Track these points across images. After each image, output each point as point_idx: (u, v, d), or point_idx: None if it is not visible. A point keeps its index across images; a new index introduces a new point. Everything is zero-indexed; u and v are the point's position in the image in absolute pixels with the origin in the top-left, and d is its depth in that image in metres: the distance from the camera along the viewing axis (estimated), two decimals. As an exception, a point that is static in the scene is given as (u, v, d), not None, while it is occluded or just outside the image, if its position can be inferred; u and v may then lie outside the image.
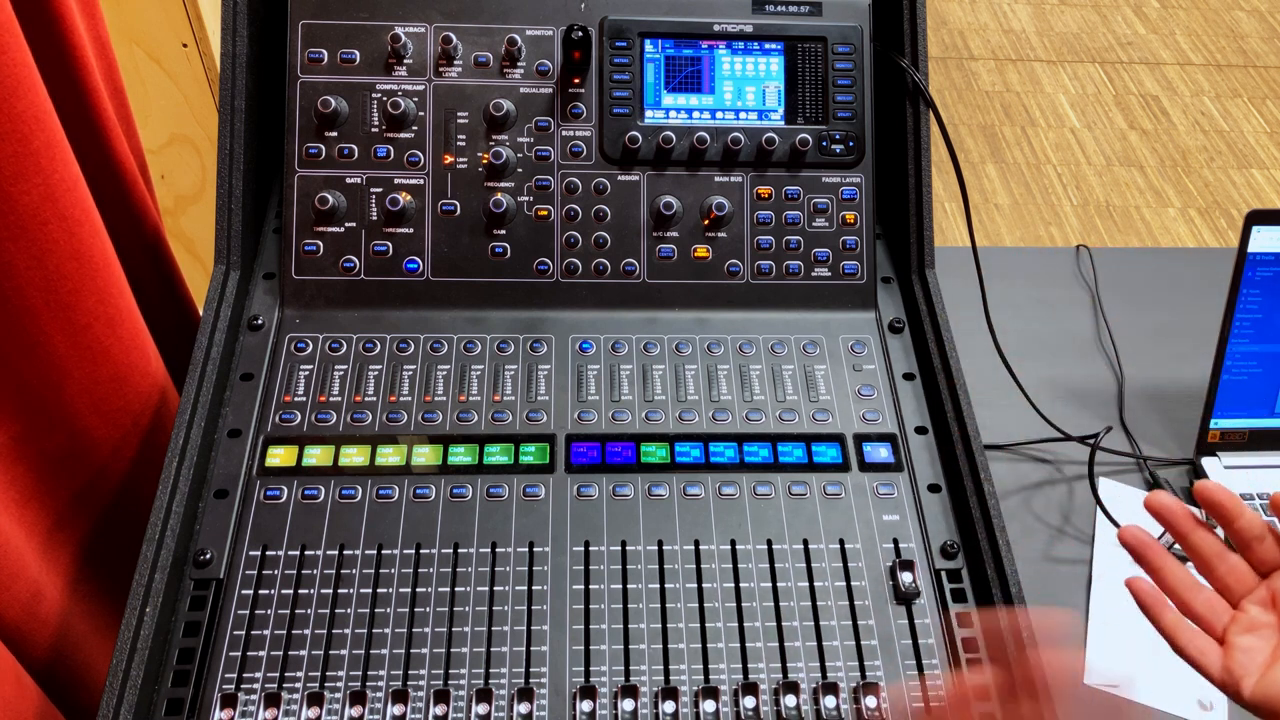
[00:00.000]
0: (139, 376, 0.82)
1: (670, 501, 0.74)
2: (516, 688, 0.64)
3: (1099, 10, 3.28)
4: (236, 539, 0.70)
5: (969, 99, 2.91)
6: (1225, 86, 3.01)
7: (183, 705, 0.63)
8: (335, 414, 0.77)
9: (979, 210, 2.55)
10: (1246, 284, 0.95)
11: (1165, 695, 0.82)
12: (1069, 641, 0.80)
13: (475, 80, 0.85)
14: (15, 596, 0.71)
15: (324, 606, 0.67)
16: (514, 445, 0.76)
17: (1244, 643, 0.56)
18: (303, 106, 0.84)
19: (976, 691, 0.65)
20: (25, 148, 0.65)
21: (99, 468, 0.81)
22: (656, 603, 0.69)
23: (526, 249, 0.85)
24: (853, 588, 0.71)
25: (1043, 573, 0.91)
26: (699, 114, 0.87)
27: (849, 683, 0.66)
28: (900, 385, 0.83)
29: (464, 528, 0.72)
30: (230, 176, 0.83)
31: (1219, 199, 2.64)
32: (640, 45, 0.86)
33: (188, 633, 0.66)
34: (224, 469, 0.74)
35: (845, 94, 0.87)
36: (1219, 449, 0.99)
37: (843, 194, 0.88)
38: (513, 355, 0.82)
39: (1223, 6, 3.33)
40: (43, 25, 0.74)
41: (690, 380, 0.82)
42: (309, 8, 0.84)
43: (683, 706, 0.64)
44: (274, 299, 0.84)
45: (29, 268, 0.68)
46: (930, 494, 0.76)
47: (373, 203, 0.84)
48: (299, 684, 0.64)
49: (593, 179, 0.86)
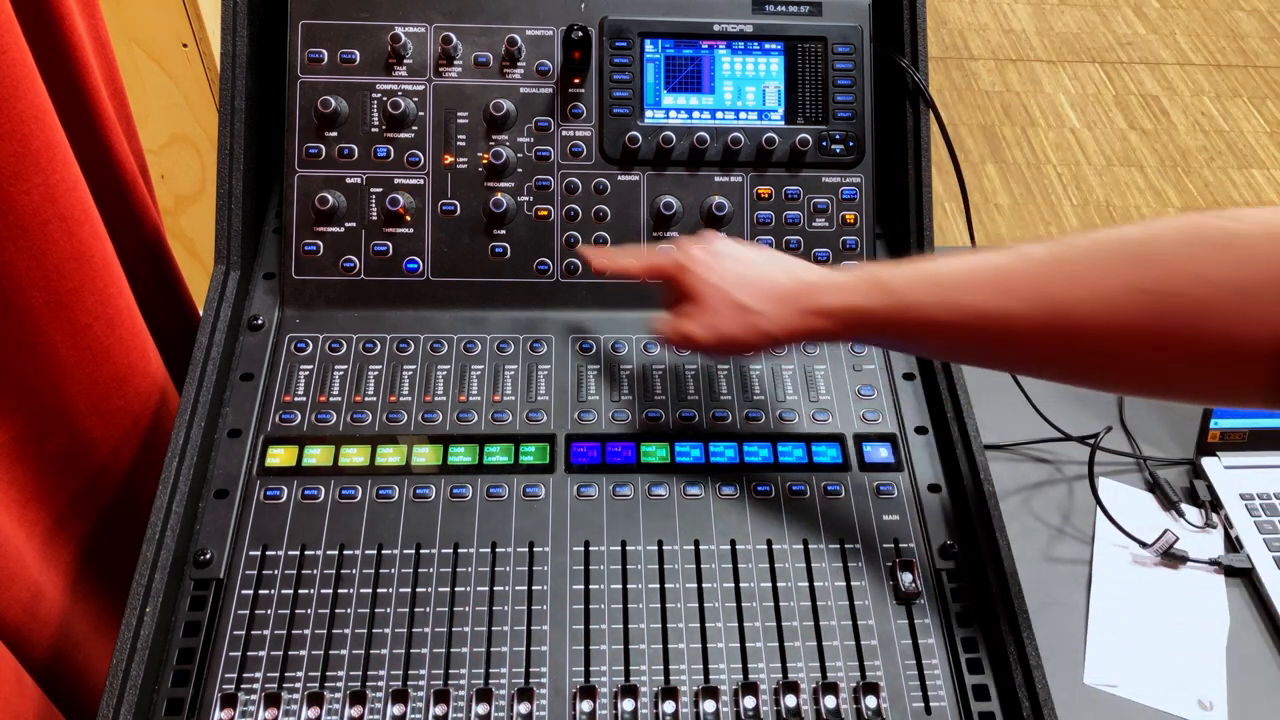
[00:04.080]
0: (139, 376, 0.82)
1: (670, 501, 0.74)
2: (516, 688, 0.64)
3: (1099, 10, 3.28)
4: (236, 539, 0.70)
5: (969, 99, 2.91)
6: (1225, 86, 3.01)
7: (183, 705, 0.63)
8: (335, 414, 0.77)
9: (979, 210, 2.55)
10: (1246, 284, 0.95)
11: (1165, 695, 0.82)
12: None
13: (475, 80, 0.85)
14: (15, 596, 0.71)
15: (324, 606, 0.67)
16: (514, 445, 0.76)
17: None
18: (303, 106, 0.84)
19: None
20: (25, 148, 0.65)
21: (99, 468, 0.81)
22: (656, 603, 0.69)
23: (526, 249, 0.85)
24: (853, 588, 0.71)
25: (1043, 573, 0.91)
26: (699, 114, 0.87)
27: (849, 683, 0.66)
28: (900, 385, 0.83)
29: (464, 528, 0.72)
30: (230, 176, 0.83)
31: (1219, 199, 2.64)
32: (640, 45, 0.86)
33: (188, 633, 0.66)
34: (224, 469, 0.74)
35: (845, 94, 0.87)
36: (1219, 449, 0.99)
37: (843, 194, 0.88)
38: (513, 355, 0.82)
39: (1223, 6, 3.33)
40: (43, 25, 0.74)
41: (690, 380, 0.82)
42: (309, 8, 0.84)
43: (683, 706, 0.64)
44: (274, 299, 0.84)
45: (29, 268, 0.68)
46: (930, 494, 0.76)
47: (373, 203, 0.84)
48: (299, 684, 0.64)
49: (593, 179, 0.86)
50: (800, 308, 0.66)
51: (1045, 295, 0.55)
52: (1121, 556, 0.91)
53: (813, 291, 0.66)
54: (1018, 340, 0.58)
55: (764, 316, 0.67)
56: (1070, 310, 0.54)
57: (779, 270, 0.69)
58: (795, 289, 0.67)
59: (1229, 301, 0.49)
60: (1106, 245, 0.55)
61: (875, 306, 0.63)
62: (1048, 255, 0.57)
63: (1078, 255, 0.55)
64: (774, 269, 0.70)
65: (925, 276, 0.62)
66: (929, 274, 0.62)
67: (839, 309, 0.65)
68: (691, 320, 0.70)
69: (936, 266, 0.62)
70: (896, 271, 0.64)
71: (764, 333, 0.68)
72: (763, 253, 0.73)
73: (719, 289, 0.69)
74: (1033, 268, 0.57)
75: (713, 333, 0.69)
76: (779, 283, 0.68)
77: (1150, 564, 0.91)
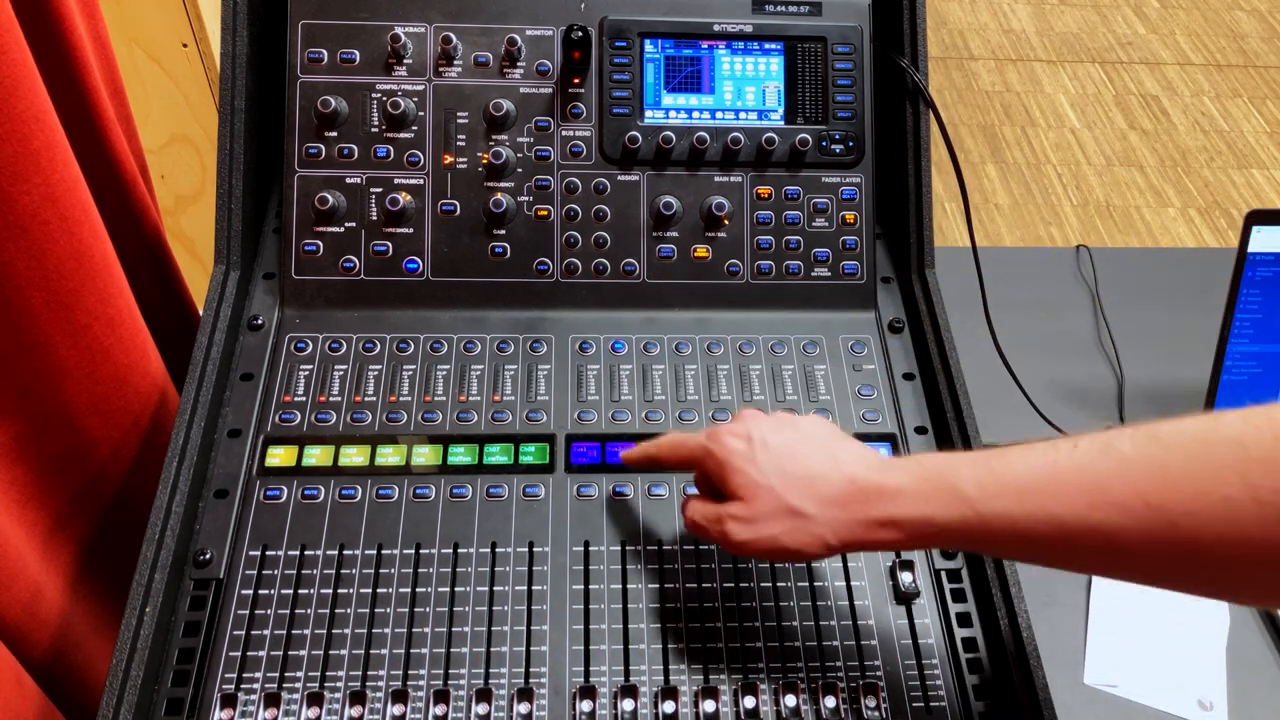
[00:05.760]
0: (139, 376, 0.82)
1: (670, 501, 0.74)
2: (516, 688, 0.64)
3: (1099, 10, 3.28)
4: (236, 539, 0.70)
5: (969, 99, 2.91)
6: (1225, 86, 3.01)
7: (183, 705, 0.63)
8: (335, 414, 0.77)
9: (979, 210, 2.55)
10: (1246, 284, 0.95)
11: (1165, 695, 0.82)
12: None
13: (475, 80, 0.85)
14: (15, 596, 0.71)
15: (324, 606, 0.67)
16: (514, 445, 0.76)
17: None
18: (303, 106, 0.84)
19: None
20: (25, 148, 0.65)
21: (99, 468, 0.81)
22: (656, 603, 0.69)
23: (526, 249, 0.85)
24: (853, 588, 0.71)
25: (1043, 573, 0.90)
26: (699, 114, 0.87)
27: (849, 683, 0.66)
28: (900, 385, 0.83)
29: (464, 528, 0.72)
30: (230, 176, 0.83)
31: (1219, 199, 2.64)
32: (640, 45, 0.86)
33: (188, 633, 0.66)
34: (224, 469, 0.74)
35: (845, 94, 0.87)
36: (1219, 449, 0.98)
37: (842, 194, 0.88)
38: (513, 355, 0.82)
39: (1223, 6, 3.33)
40: (43, 25, 0.74)
41: (690, 380, 0.82)
42: (309, 8, 0.84)
43: (683, 706, 0.64)
44: (274, 299, 0.84)
45: (29, 268, 0.68)
46: (930, 494, 0.76)
47: (373, 203, 0.84)
48: (299, 684, 0.64)
49: (593, 179, 0.86)
50: (865, 517, 0.58)
51: (1153, 505, 0.48)
52: (1121, 556, 0.91)
53: (877, 498, 0.58)
54: (1128, 554, 0.51)
55: (822, 524, 0.59)
56: (1181, 521, 0.47)
57: (827, 463, 0.61)
58: (853, 492, 0.59)
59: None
60: (1212, 444, 0.48)
61: (953, 520, 0.55)
62: (1146, 457, 0.50)
63: (1185, 458, 0.48)
64: (821, 462, 0.61)
65: (1004, 482, 0.54)
66: (1008, 479, 0.54)
67: (912, 521, 0.57)
68: (740, 524, 0.61)
69: (1013, 469, 0.54)
70: (966, 472, 0.55)
71: (824, 543, 0.59)
72: (804, 436, 0.63)
73: (769, 491, 0.60)
74: (1128, 471, 0.50)
75: (767, 541, 0.60)
76: (832, 481, 0.60)
77: (1150, 564, 0.91)
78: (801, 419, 0.65)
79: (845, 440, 0.63)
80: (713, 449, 0.64)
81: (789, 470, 0.60)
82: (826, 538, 0.59)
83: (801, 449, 0.62)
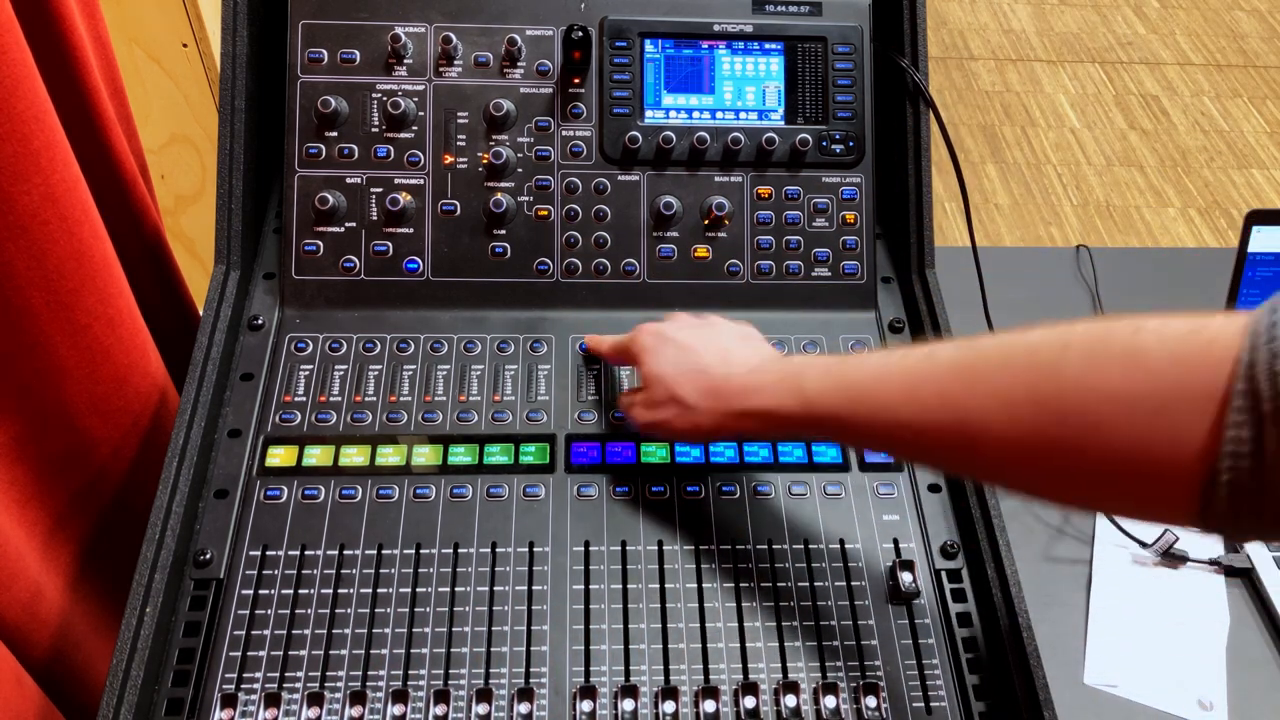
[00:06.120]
0: (139, 376, 0.82)
1: (670, 501, 0.74)
2: (516, 688, 0.64)
3: (1099, 10, 3.28)
4: (236, 539, 0.70)
5: (969, 99, 2.91)
6: (1225, 86, 3.01)
7: (183, 705, 0.63)
8: (335, 414, 0.77)
9: (979, 210, 2.55)
10: (1246, 284, 0.95)
11: (1165, 695, 0.82)
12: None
13: (475, 80, 0.85)
14: (15, 596, 0.71)
15: (324, 606, 0.67)
16: (514, 445, 0.76)
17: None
18: (303, 106, 0.84)
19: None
20: (25, 148, 0.65)
21: (99, 468, 0.81)
22: (656, 603, 0.69)
23: (526, 249, 0.85)
24: (853, 587, 0.71)
25: (1043, 573, 0.91)
26: (699, 114, 0.87)
27: (849, 683, 0.66)
28: (900, 385, 0.83)
29: (464, 528, 0.72)
30: (230, 176, 0.83)
31: (1219, 199, 2.64)
32: (640, 45, 0.86)
33: (188, 633, 0.66)
34: (224, 469, 0.74)
35: (845, 94, 0.87)
36: (1219, 449, 0.98)
37: (843, 194, 0.88)
38: (513, 355, 0.82)
39: (1223, 6, 3.33)
40: (43, 25, 0.74)
41: (690, 380, 0.81)
42: (309, 8, 0.84)
43: (683, 706, 0.64)
44: (274, 299, 0.84)
45: (29, 268, 0.68)
46: (930, 494, 0.76)
47: (373, 203, 0.84)
48: (299, 684, 0.64)
49: (593, 179, 0.86)
50: (729, 408, 0.66)
51: (950, 403, 0.53)
52: (1121, 556, 0.92)
53: (741, 393, 0.66)
54: (929, 446, 0.57)
55: (698, 412, 0.67)
56: (972, 418, 0.52)
57: (719, 360, 0.68)
58: (724, 387, 0.67)
59: (1132, 418, 0.46)
60: (1013, 352, 0.52)
61: (791, 411, 0.62)
62: (955, 360, 0.55)
63: (984, 361, 0.53)
64: (714, 358, 0.69)
65: (839, 381, 0.60)
66: (843, 378, 0.60)
67: (760, 412, 0.64)
68: (640, 408, 0.71)
69: (849, 368, 0.60)
70: (812, 373, 0.62)
71: (699, 428, 0.68)
72: (709, 335, 0.71)
73: (661, 379, 0.69)
74: (940, 373, 0.55)
75: (661, 423, 0.69)
76: (712, 376, 0.68)
77: (1150, 564, 0.91)
78: (722, 321, 0.74)
79: (749, 342, 0.71)
80: (631, 343, 0.74)
81: (682, 364, 0.69)
82: (702, 424, 0.67)
83: (701, 346, 0.70)
